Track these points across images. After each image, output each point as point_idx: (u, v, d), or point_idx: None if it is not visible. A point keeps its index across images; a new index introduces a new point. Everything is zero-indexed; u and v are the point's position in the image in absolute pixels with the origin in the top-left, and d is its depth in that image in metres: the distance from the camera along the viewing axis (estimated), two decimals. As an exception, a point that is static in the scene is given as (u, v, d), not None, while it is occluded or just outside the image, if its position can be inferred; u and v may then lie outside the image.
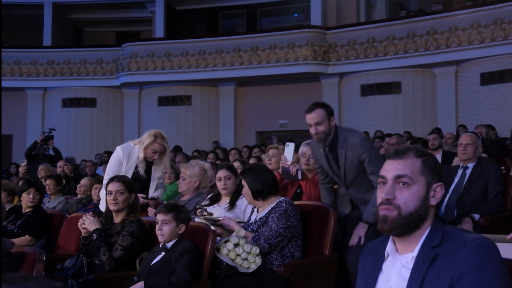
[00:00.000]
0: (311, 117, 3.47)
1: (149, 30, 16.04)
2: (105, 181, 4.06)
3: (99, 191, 5.40)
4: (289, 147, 4.26)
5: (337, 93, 12.84)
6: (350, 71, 12.50)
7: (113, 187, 3.45)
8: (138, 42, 14.22)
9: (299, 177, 4.22)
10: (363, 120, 12.23)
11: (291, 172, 4.20)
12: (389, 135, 9.21)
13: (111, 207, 3.44)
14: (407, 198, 1.57)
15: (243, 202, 3.68)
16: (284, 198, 3.40)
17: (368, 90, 12.37)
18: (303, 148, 4.42)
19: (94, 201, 5.54)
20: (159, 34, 14.65)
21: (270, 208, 3.31)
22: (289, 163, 4.21)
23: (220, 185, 3.80)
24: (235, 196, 3.77)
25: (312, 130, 3.48)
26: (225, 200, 3.83)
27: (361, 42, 12.22)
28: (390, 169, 1.61)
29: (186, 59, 13.33)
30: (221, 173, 3.80)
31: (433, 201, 1.59)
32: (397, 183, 1.58)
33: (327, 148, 3.57)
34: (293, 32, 12.83)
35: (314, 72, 12.60)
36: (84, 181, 6.15)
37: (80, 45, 16.22)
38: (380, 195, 1.59)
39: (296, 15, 15.39)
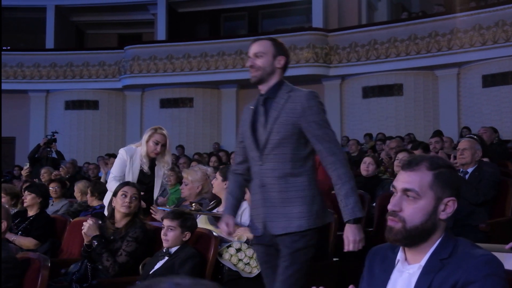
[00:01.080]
0: (251, 48, 2.60)
1: (151, 32, 16.07)
2: (110, 181, 4.07)
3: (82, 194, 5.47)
4: None
5: (339, 95, 12.86)
6: (351, 73, 12.51)
7: (129, 190, 3.47)
8: (140, 44, 14.28)
9: None
10: (365, 122, 12.25)
11: None
12: (391, 137, 9.22)
13: (123, 209, 3.43)
14: (412, 212, 1.57)
15: (240, 206, 3.69)
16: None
17: (370, 92, 12.38)
18: None
19: (89, 204, 5.40)
20: (161, 37, 14.68)
21: None
22: None
23: None
24: None
25: (247, 63, 2.59)
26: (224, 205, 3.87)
27: (362, 44, 12.24)
28: (401, 180, 1.61)
29: (188, 62, 13.36)
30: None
31: (443, 215, 1.58)
32: (405, 195, 1.59)
33: (261, 98, 2.59)
34: (295, 34, 12.84)
35: (316, 74, 12.60)
36: (76, 186, 5.99)
37: (83, 48, 16.29)
38: (389, 205, 1.61)
39: (297, 17, 15.40)
